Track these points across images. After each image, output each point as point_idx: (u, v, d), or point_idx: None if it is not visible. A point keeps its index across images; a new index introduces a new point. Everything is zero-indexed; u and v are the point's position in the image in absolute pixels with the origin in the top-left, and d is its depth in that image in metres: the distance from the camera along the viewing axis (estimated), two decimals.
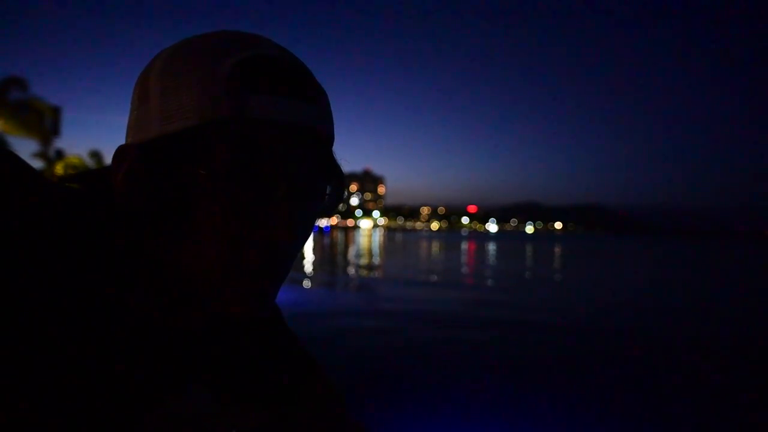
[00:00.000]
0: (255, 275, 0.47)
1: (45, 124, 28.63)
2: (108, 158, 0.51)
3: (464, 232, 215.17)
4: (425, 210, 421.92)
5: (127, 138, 0.50)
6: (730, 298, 13.17)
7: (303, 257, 20.38)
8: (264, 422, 0.55)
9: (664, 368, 5.76)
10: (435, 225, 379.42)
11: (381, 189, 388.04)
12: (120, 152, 0.48)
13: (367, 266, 19.74)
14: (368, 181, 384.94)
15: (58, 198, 0.48)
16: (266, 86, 0.46)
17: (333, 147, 0.53)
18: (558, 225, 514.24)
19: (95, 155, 35.80)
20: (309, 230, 0.53)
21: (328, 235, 61.98)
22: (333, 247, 33.78)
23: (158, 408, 0.49)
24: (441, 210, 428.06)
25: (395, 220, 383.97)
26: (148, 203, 0.47)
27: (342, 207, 0.55)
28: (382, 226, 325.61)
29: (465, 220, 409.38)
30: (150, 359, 0.49)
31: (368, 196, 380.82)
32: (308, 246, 28.25)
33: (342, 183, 0.54)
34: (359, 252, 29.57)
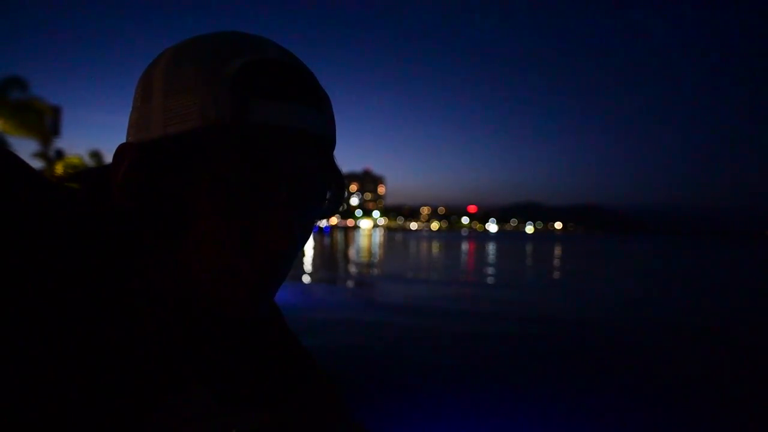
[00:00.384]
0: (253, 277, 0.47)
1: (45, 124, 28.52)
2: (108, 158, 0.52)
3: (464, 232, 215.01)
4: (425, 210, 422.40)
5: (128, 136, 0.50)
6: (735, 298, 13.16)
7: (303, 255, 20.42)
8: (264, 422, 0.55)
9: (665, 369, 5.77)
10: (435, 225, 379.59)
11: (381, 189, 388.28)
12: (120, 151, 0.48)
13: (367, 264, 19.69)
14: (368, 181, 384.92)
15: (58, 197, 0.48)
16: (270, 91, 0.45)
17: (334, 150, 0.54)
18: (558, 225, 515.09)
19: (95, 155, 35.66)
20: (308, 234, 0.53)
21: (329, 235, 61.99)
22: (333, 247, 33.80)
23: (158, 408, 0.48)
24: (441, 210, 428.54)
25: (395, 220, 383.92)
26: (147, 203, 0.47)
27: (342, 207, 0.56)
28: (382, 226, 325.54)
29: (465, 220, 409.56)
30: (150, 359, 0.49)
31: (368, 196, 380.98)
32: (308, 246, 28.25)
33: (342, 188, 0.54)
34: (359, 251, 29.55)
